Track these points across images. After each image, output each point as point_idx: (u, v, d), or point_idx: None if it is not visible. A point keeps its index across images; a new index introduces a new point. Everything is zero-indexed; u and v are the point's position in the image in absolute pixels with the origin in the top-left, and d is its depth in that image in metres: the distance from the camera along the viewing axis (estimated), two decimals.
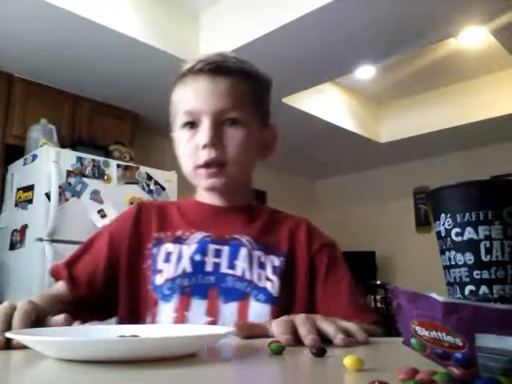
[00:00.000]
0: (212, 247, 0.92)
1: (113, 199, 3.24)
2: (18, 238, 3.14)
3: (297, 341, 0.62)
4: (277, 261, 0.93)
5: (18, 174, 3.31)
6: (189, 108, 0.93)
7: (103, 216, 3.17)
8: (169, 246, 0.93)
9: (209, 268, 0.90)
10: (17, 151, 3.39)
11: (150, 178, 3.49)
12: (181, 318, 0.85)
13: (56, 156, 3.05)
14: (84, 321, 0.83)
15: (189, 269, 0.89)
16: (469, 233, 0.48)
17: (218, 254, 0.92)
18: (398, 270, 5.41)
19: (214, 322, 0.85)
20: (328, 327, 0.64)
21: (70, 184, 3.09)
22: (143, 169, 3.48)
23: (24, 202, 3.15)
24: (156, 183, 3.51)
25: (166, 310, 0.87)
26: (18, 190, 3.24)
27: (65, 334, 0.58)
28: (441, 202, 0.51)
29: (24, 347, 0.55)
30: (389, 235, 5.50)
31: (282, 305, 0.89)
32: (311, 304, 0.93)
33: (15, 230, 3.18)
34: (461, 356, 0.33)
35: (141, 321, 0.89)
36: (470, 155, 5.07)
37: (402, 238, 5.43)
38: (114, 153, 3.65)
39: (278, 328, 0.64)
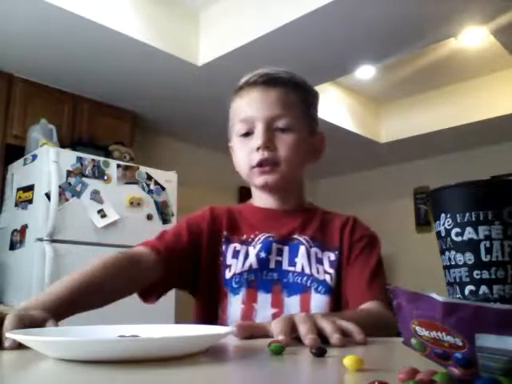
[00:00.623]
0: (275, 246, 1.02)
1: (113, 199, 3.24)
2: (17, 238, 3.14)
3: (297, 340, 0.62)
4: (332, 255, 1.03)
5: (18, 174, 3.31)
6: (243, 116, 1.03)
7: (103, 216, 3.17)
8: (236, 245, 1.02)
9: (272, 265, 1.00)
10: (17, 151, 3.39)
11: (150, 178, 3.49)
12: (249, 309, 0.95)
13: (56, 156, 3.05)
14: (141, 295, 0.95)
15: (255, 265, 0.99)
16: (469, 233, 0.48)
17: (279, 252, 1.01)
18: (398, 270, 5.41)
19: (279, 313, 0.92)
20: (326, 326, 0.65)
21: (70, 184, 3.09)
22: (143, 169, 3.48)
23: (24, 202, 3.15)
24: (156, 183, 3.51)
25: (235, 302, 0.96)
26: (18, 190, 3.24)
27: (65, 334, 0.58)
28: (441, 201, 0.51)
29: (18, 349, 0.55)
30: (389, 235, 5.48)
31: (338, 295, 0.99)
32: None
33: (15, 230, 3.18)
34: (461, 356, 0.33)
35: (213, 312, 0.98)
36: (470, 155, 5.07)
37: (402, 237, 5.43)
38: (113, 153, 3.65)
39: (276, 327, 0.65)
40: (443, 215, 0.51)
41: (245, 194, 5.09)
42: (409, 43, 3.20)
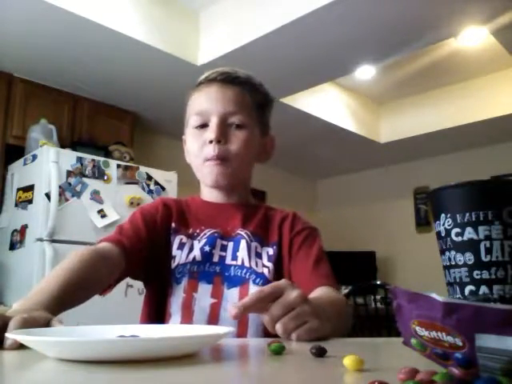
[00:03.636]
0: (219, 242, 1.05)
1: (113, 199, 3.24)
2: (18, 238, 3.14)
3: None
4: (271, 250, 1.06)
5: (18, 173, 3.31)
6: (200, 109, 1.07)
7: (103, 216, 3.17)
8: (183, 238, 1.05)
9: (215, 259, 1.03)
10: (17, 151, 3.39)
11: (150, 178, 3.49)
12: (189, 298, 0.98)
13: (56, 156, 3.05)
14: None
15: (198, 257, 1.02)
16: (469, 233, 0.48)
17: (224, 248, 1.05)
18: (398, 270, 5.41)
19: (217, 303, 0.97)
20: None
21: (70, 184, 3.09)
22: (143, 169, 3.48)
23: (24, 202, 3.15)
24: (156, 183, 3.51)
25: (178, 291, 0.99)
26: (18, 190, 3.24)
27: (65, 334, 0.57)
28: (441, 202, 0.51)
29: (19, 349, 0.55)
30: (389, 235, 5.50)
31: None
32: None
33: (15, 230, 3.18)
34: (461, 356, 0.33)
35: (162, 300, 1.01)
36: (470, 155, 5.07)
37: (402, 238, 5.43)
38: (113, 153, 3.65)
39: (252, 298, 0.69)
40: (443, 215, 0.51)
41: None
42: (409, 43, 3.20)
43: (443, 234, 0.51)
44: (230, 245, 1.05)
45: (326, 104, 4.51)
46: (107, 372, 0.42)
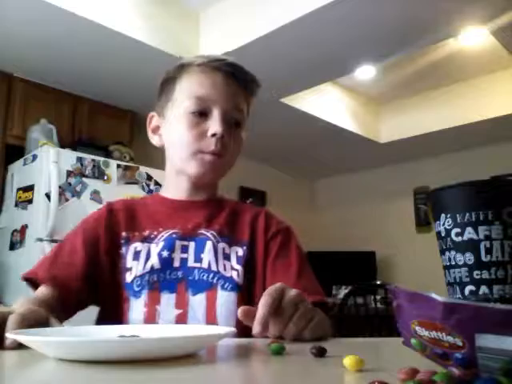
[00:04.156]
0: (179, 243, 0.96)
1: (113, 199, 3.23)
2: (18, 238, 3.14)
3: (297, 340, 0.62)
4: (240, 251, 0.98)
5: (18, 174, 3.31)
6: (203, 94, 0.97)
7: None
8: (137, 245, 0.96)
9: (176, 263, 0.94)
10: (17, 151, 3.39)
11: (149, 178, 3.49)
12: (151, 312, 0.89)
13: (56, 156, 3.05)
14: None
15: (157, 265, 0.93)
16: (469, 233, 0.48)
17: (184, 249, 0.96)
18: (398, 270, 5.41)
19: (183, 314, 0.89)
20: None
21: (70, 184, 3.09)
22: (143, 169, 3.48)
23: (24, 202, 3.14)
24: (156, 183, 3.51)
25: (137, 306, 0.90)
26: (18, 190, 3.23)
27: (65, 335, 0.57)
28: (441, 202, 0.51)
29: (18, 348, 0.55)
30: (389, 235, 5.50)
31: (246, 291, 0.95)
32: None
33: (15, 230, 3.18)
34: (461, 356, 0.33)
35: (116, 320, 0.89)
36: (470, 155, 5.07)
37: (402, 238, 5.43)
38: (114, 153, 3.65)
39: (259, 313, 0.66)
40: (443, 215, 0.51)
41: (245, 193, 5.09)
42: (409, 43, 3.20)
43: (443, 234, 0.51)
44: (192, 245, 0.96)
45: (326, 104, 4.51)
46: (107, 372, 0.42)
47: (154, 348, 0.46)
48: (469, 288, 0.48)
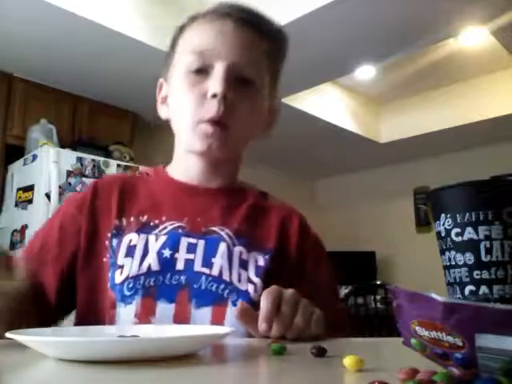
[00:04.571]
0: (185, 241, 0.77)
1: None
2: (18, 238, 3.14)
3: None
4: (261, 259, 0.79)
5: (18, 174, 3.31)
6: (201, 46, 0.79)
7: None
8: (132, 237, 0.77)
9: (180, 265, 0.75)
10: (17, 151, 3.39)
11: None
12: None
13: (56, 156, 3.05)
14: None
15: (155, 266, 0.74)
16: (469, 233, 0.48)
17: (191, 248, 0.77)
18: (398, 270, 5.41)
19: None
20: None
21: (70, 184, 3.09)
22: (143, 169, 3.47)
23: (24, 202, 3.15)
24: None
25: (126, 314, 0.72)
26: (18, 189, 3.24)
27: (65, 334, 0.57)
28: (441, 202, 0.51)
29: (19, 348, 0.55)
30: (389, 235, 5.50)
31: None
32: None
33: (15, 230, 3.18)
34: (461, 356, 0.33)
35: (99, 324, 0.74)
36: (470, 155, 5.07)
37: (402, 238, 5.43)
38: (114, 153, 3.65)
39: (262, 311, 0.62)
40: (443, 215, 0.51)
41: None
42: (409, 43, 3.20)
43: (443, 234, 0.51)
44: (201, 244, 0.77)
45: (326, 104, 4.51)
46: (106, 372, 0.42)
47: (153, 348, 0.46)
48: (469, 288, 0.48)
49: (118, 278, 0.74)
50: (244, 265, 0.78)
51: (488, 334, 0.31)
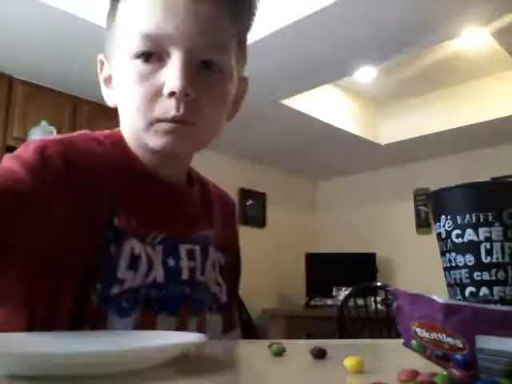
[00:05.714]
0: (183, 247, 0.69)
1: None
2: None
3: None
4: (222, 258, 0.75)
5: None
6: (151, 29, 0.61)
7: None
8: (134, 245, 0.64)
9: (185, 275, 0.68)
10: None
11: None
12: None
13: None
14: None
15: (160, 278, 0.65)
16: (469, 234, 0.48)
17: (191, 255, 0.69)
18: (399, 272, 5.41)
19: None
20: None
21: None
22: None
23: None
24: None
25: (121, 326, 0.62)
26: None
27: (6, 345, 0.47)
28: (441, 203, 0.51)
29: None
30: (389, 237, 5.49)
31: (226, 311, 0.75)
32: None
33: None
34: (461, 358, 0.33)
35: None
36: (471, 157, 5.07)
37: (403, 239, 5.43)
38: None
39: None
40: (443, 217, 0.51)
41: (245, 195, 5.09)
42: (409, 45, 3.20)
43: (443, 236, 0.51)
44: (197, 250, 0.70)
45: (327, 105, 4.51)
46: None
47: (127, 360, 0.39)
48: (469, 289, 0.48)
49: (116, 288, 0.62)
50: (214, 266, 0.74)
51: (488, 335, 0.31)
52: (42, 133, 3.40)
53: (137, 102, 0.63)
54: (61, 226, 0.59)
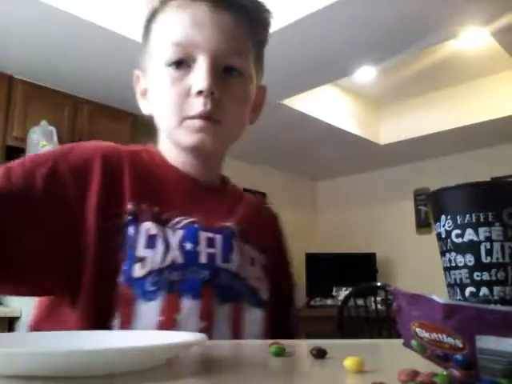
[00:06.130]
0: (203, 235, 0.73)
1: None
2: None
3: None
4: (263, 258, 0.80)
5: None
6: (181, 38, 0.72)
7: None
8: (150, 227, 0.70)
9: (203, 259, 0.71)
10: (17, 153, 3.38)
11: None
12: (169, 323, 0.65)
13: None
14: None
15: (179, 259, 0.69)
16: (469, 234, 0.48)
17: (211, 243, 0.73)
18: (399, 272, 5.41)
19: (208, 328, 0.68)
20: None
21: None
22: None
23: None
24: None
25: (149, 311, 0.65)
26: None
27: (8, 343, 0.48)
28: (441, 203, 0.51)
29: None
30: (389, 237, 5.50)
31: (269, 309, 0.78)
32: None
33: None
34: (461, 358, 0.33)
35: (104, 327, 0.64)
36: (471, 157, 5.07)
37: (403, 239, 5.43)
38: None
39: None
40: (443, 217, 0.50)
41: None
42: (409, 44, 3.20)
43: (443, 236, 0.51)
44: (219, 239, 0.74)
45: (326, 105, 4.51)
46: None
47: (122, 360, 0.39)
48: (469, 289, 0.48)
49: (139, 271, 0.66)
50: (252, 262, 0.78)
51: (488, 335, 0.31)
52: (42, 133, 3.40)
53: (169, 103, 0.73)
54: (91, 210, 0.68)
